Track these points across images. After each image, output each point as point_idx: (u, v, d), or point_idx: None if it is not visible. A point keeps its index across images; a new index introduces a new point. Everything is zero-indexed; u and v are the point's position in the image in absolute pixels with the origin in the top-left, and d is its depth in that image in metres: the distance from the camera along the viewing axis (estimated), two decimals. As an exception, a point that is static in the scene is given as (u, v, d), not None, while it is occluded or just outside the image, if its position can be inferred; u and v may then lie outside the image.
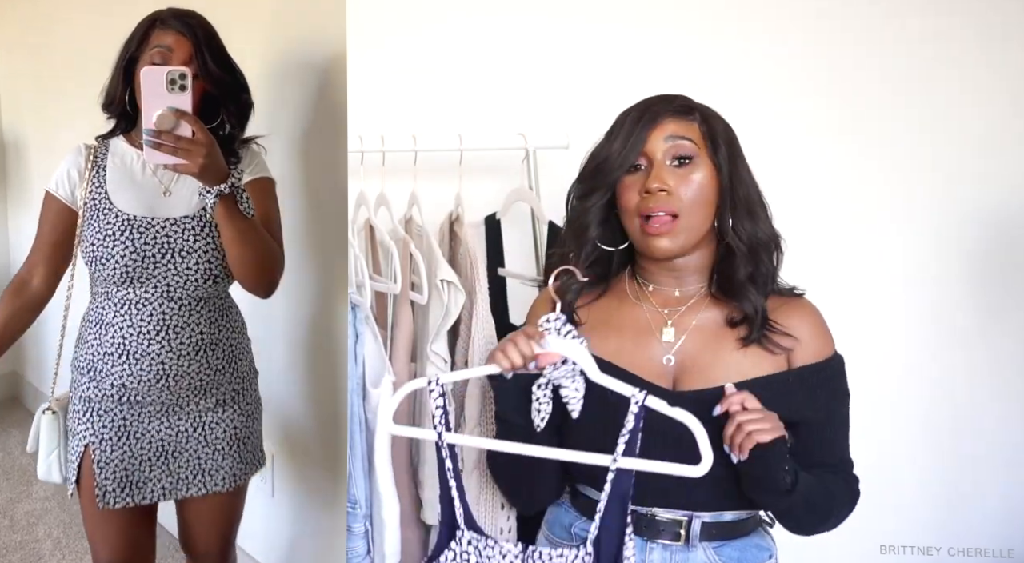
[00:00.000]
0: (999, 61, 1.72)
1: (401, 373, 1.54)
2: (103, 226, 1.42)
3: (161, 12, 1.41)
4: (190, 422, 1.50)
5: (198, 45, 1.38)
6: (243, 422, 1.56)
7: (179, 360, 1.44)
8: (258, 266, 1.42)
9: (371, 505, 1.52)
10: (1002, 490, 1.83)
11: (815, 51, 1.73)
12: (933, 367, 1.81)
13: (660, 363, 1.11)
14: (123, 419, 1.46)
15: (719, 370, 1.09)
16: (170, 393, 1.46)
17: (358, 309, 1.49)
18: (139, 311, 1.42)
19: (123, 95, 1.44)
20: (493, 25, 1.73)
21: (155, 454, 1.49)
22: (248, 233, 1.37)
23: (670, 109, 1.09)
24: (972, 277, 1.79)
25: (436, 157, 1.56)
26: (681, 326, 1.12)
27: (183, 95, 1.19)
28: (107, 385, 1.45)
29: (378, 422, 1.47)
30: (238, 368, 1.55)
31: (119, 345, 1.43)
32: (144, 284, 1.42)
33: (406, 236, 1.55)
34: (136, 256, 1.41)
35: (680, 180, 1.07)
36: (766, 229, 1.10)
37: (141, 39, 1.40)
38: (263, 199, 1.50)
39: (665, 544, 1.10)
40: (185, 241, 1.43)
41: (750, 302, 1.08)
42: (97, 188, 1.45)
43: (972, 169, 1.75)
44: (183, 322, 1.44)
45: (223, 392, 1.52)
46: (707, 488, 1.08)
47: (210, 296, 1.48)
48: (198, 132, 1.21)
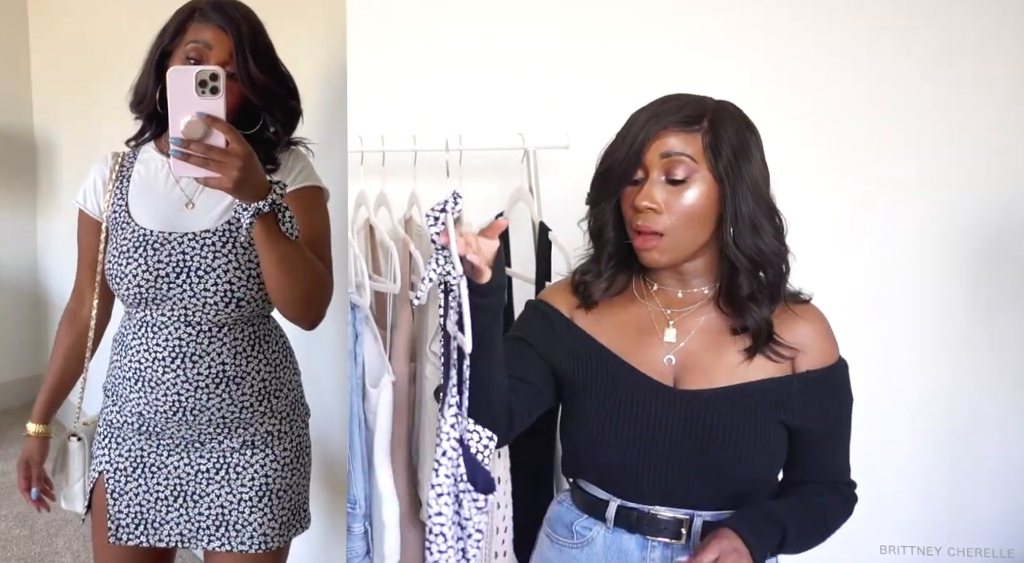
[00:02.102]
0: (1003, 62, 1.72)
1: (401, 373, 1.54)
2: (120, 242, 1.30)
3: (200, 1, 1.25)
4: (212, 462, 1.33)
5: (240, 43, 1.21)
6: (278, 470, 1.35)
7: (196, 392, 1.28)
8: (303, 295, 1.22)
9: (371, 505, 1.52)
10: (1002, 490, 1.83)
11: (817, 51, 1.72)
12: (933, 367, 1.81)
13: (660, 362, 1.11)
14: (140, 449, 1.34)
15: (720, 371, 1.09)
16: (189, 428, 1.30)
17: (358, 309, 1.49)
18: (155, 335, 1.28)
19: (154, 94, 1.27)
20: (493, 25, 1.73)
21: (172, 493, 1.34)
22: (291, 257, 1.17)
23: (676, 119, 1.06)
24: (973, 278, 1.79)
25: (436, 157, 1.56)
26: (683, 327, 1.12)
27: (215, 99, 1.03)
28: (127, 411, 1.32)
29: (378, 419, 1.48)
30: (273, 406, 1.35)
31: (135, 370, 1.30)
32: (160, 306, 1.28)
33: (406, 236, 1.55)
34: (149, 275, 1.26)
35: (672, 197, 1.05)
36: (770, 243, 1.07)
37: (176, 31, 1.25)
38: (309, 213, 1.30)
39: (666, 543, 1.10)
40: (203, 259, 1.26)
41: (753, 317, 1.08)
42: (119, 200, 1.33)
43: (975, 170, 1.74)
44: (201, 350, 1.28)
45: (252, 433, 1.34)
46: (708, 487, 1.08)
47: (235, 321, 1.30)
48: (232, 141, 1.03)
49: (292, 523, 1.39)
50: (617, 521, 1.12)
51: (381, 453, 1.49)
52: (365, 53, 1.67)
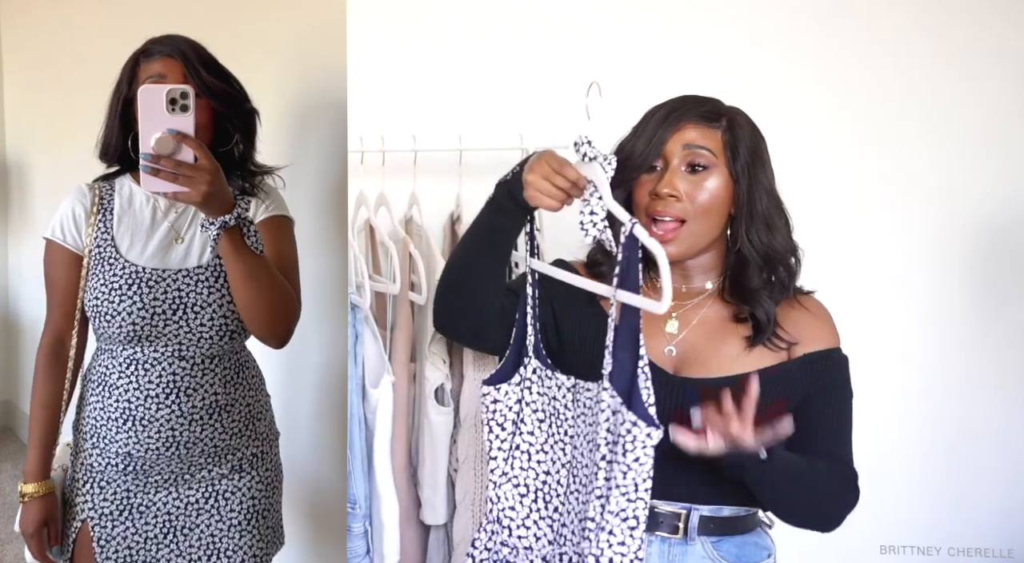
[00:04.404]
0: (1007, 62, 1.72)
1: (400, 373, 1.54)
2: (108, 278, 1.28)
3: (143, 46, 1.31)
4: (201, 492, 1.34)
5: (188, 61, 1.26)
6: (262, 492, 1.39)
7: (191, 425, 1.29)
8: (269, 310, 1.26)
9: (371, 505, 1.52)
10: (1002, 490, 1.83)
11: (818, 51, 1.72)
12: (934, 367, 1.80)
13: (661, 352, 1.12)
14: (126, 491, 1.32)
15: (721, 361, 1.10)
16: (180, 461, 1.31)
17: (358, 309, 1.49)
18: (147, 372, 1.28)
19: (122, 141, 1.31)
20: (493, 25, 1.73)
21: (162, 531, 1.33)
22: (257, 271, 1.21)
23: (696, 114, 1.09)
24: (974, 278, 1.79)
25: (436, 157, 1.56)
26: (685, 320, 1.13)
27: (185, 116, 1.08)
28: (111, 453, 1.30)
29: (378, 418, 1.48)
30: (256, 429, 1.40)
31: (124, 410, 1.28)
32: (154, 343, 1.28)
33: (406, 236, 1.56)
34: (145, 312, 1.26)
35: (692, 186, 1.07)
36: (783, 241, 1.10)
37: (130, 78, 1.30)
38: (278, 239, 1.35)
39: (663, 537, 1.11)
40: (199, 295, 1.29)
41: (762, 308, 1.09)
42: (103, 234, 1.31)
43: (977, 170, 1.74)
44: (195, 383, 1.29)
45: (239, 457, 1.37)
46: (706, 480, 1.08)
47: (225, 352, 1.33)
48: (201, 157, 1.08)
49: (273, 541, 1.43)
50: None
51: (381, 453, 1.49)
52: (365, 53, 1.68)
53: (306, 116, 1.87)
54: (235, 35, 1.94)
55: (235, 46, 1.50)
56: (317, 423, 1.98)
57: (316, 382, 1.97)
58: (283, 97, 1.87)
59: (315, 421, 1.98)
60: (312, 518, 2.03)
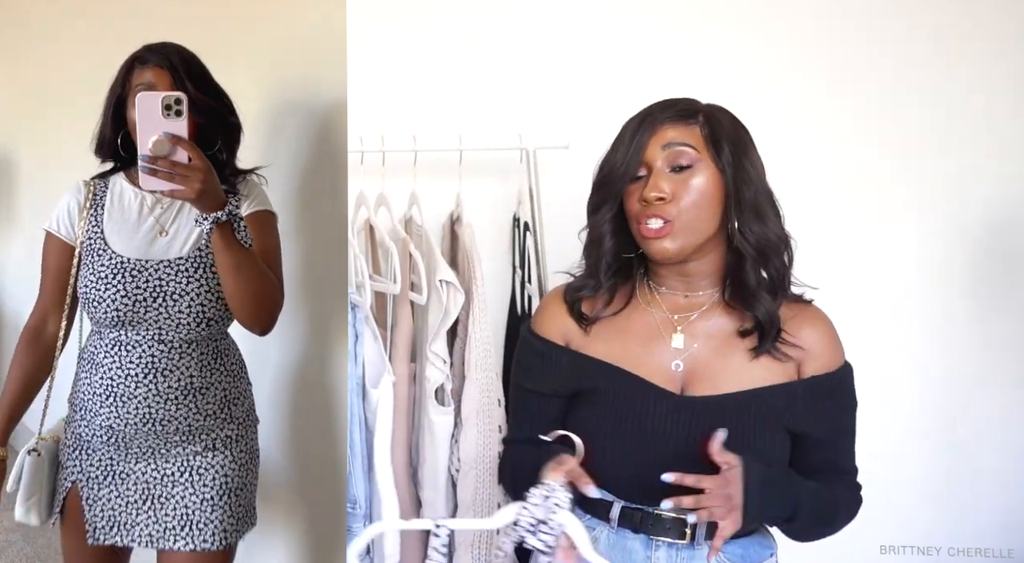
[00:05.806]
0: (1010, 61, 1.72)
1: (401, 373, 1.54)
2: (96, 268, 1.40)
3: (139, 51, 1.40)
4: (177, 466, 1.44)
5: (177, 74, 1.35)
6: (235, 471, 1.47)
7: (166, 404, 1.40)
8: (255, 299, 1.37)
9: (371, 505, 1.52)
10: (1002, 490, 1.83)
11: (819, 50, 1.72)
12: (934, 368, 1.80)
13: (668, 368, 1.11)
14: (110, 459, 1.43)
15: (728, 377, 1.09)
16: (157, 437, 1.41)
17: (358, 309, 1.49)
18: (128, 353, 1.39)
19: (114, 138, 1.42)
20: (493, 25, 1.73)
21: (142, 497, 1.44)
22: (245, 264, 1.33)
23: (670, 115, 1.08)
24: (975, 278, 1.79)
25: (436, 157, 1.56)
26: (691, 332, 1.12)
27: (179, 121, 1.18)
28: (96, 425, 1.42)
29: (378, 419, 1.48)
30: (232, 413, 1.48)
31: (107, 386, 1.40)
32: (136, 327, 1.39)
33: (406, 236, 1.56)
34: (127, 300, 1.38)
35: (679, 185, 1.06)
36: (775, 230, 1.09)
37: (124, 81, 1.39)
38: (262, 233, 1.46)
39: (670, 542, 1.10)
40: (178, 284, 1.39)
41: (764, 308, 1.08)
42: (94, 227, 1.43)
43: (980, 170, 1.74)
44: (172, 365, 1.40)
45: (214, 437, 1.45)
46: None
47: (203, 338, 1.43)
48: (195, 158, 1.19)
49: (245, 520, 1.50)
50: (621, 521, 1.12)
51: (381, 453, 1.49)
52: (365, 53, 1.68)
53: (306, 116, 1.87)
54: (235, 35, 1.94)
55: (235, 46, 1.50)
56: (317, 423, 1.98)
57: (316, 382, 1.97)
58: (283, 97, 1.87)
59: (315, 421, 1.98)
60: (312, 518, 2.02)
